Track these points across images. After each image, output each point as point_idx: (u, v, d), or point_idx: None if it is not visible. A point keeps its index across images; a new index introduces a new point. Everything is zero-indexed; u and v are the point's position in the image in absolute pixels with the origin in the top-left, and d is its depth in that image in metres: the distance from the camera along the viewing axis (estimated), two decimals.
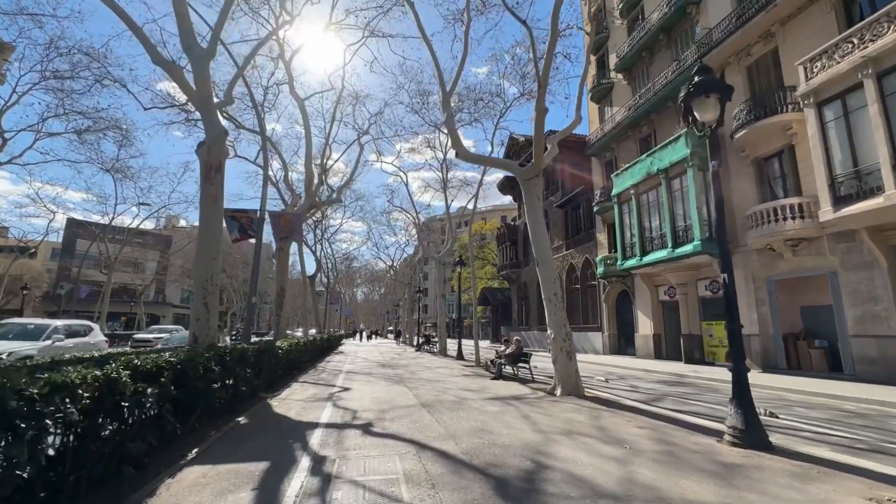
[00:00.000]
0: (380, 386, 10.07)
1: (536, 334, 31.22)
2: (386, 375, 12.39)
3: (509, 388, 9.83)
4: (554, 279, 9.49)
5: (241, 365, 6.86)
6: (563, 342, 9.06)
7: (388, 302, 73.91)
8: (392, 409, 7.08)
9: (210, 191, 7.67)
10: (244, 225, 9.72)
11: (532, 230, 9.82)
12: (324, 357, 20.14)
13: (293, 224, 11.29)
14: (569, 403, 7.67)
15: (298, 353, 13.21)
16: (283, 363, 10.73)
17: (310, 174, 14.20)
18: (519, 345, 12.08)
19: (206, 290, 7.35)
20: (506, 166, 10.09)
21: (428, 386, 10.10)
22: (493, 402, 7.84)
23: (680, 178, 16.22)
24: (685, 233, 15.85)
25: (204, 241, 7.58)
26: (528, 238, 32.74)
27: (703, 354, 16.56)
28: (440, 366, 15.89)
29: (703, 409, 7.82)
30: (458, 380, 11.37)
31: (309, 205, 14.28)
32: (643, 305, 19.85)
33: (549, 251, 9.75)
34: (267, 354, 8.79)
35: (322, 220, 30.58)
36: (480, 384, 10.46)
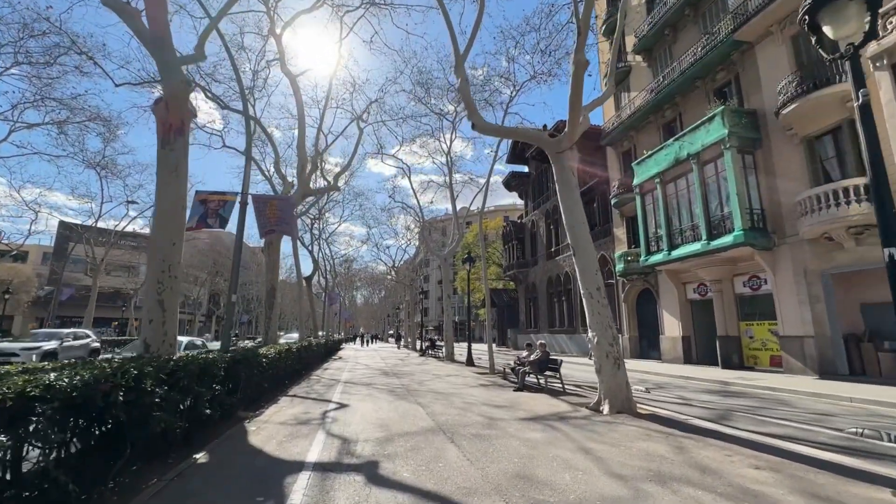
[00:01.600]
0: (384, 401, 8.39)
1: (547, 338, 29.51)
2: (390, 387, 10.70)
3: (541, 402, 8.15)
4: (595, 270, 7.83)
5: (203, 381, 5.19)
6: (609, 347, 7.40)
7: (388, 305, 72.24)
8: (402, 437, 5.41)
9: (169, 158, 6.03)
10: (211, 209, 8.06)
11: (567, 212, 8.17)
12: (321, 364, 18.45)
13: (282, 214, 9.63)
14: (629, 426, 5.99)
15: (290, 360, 11.54)
16: (270, 374, 9.06)
17: (303, 159, 12.57)
18: (545, 350, 10.41)
19: (161, 283, 5.70)
20: (533, 137, 8.47)
21: (442, 400, 8.41)
22: (532, 423, 6.17)
23: (715, 163, 14.59)
24: (722, 223, 14.20)
25: (161, 220, 5.93)
26: (537, 236, 31.08)
27: (742, 358, 14.88)
28: (450, 373, 14.20)
29: (797, 431, 6.15)
30: (476, 391, 9.69)
31: (302, 193, 12.63)
32: (669, 305, 18.18)
33: (587, 237, 8.11)
34: (245, 365, 7.12)
35: (319, 219, 28.93)
36: (505, 397, 8.77)
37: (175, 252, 5.91)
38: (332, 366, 17.89)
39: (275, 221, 9.55)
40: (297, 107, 12.57)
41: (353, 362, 19.92)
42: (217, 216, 8.22)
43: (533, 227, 33.33)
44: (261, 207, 9.40)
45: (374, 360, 21.07)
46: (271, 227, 9.59)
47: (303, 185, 12.61)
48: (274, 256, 12.59)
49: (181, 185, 6.11)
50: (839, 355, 11.86)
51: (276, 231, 9.78)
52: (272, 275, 12.57)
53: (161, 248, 5.81)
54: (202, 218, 8.09)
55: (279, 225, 9.64)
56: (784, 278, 13.20)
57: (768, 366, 14.06)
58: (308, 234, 29.01)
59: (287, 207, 9.61)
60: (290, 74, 13.12)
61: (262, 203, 9.42)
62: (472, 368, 16.03)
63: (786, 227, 13.19)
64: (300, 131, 12.55)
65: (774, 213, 13.62)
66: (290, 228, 10.03)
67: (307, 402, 8.39)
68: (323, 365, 18.10)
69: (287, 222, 9.70)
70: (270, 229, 9.64)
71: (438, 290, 79.29)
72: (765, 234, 13.49)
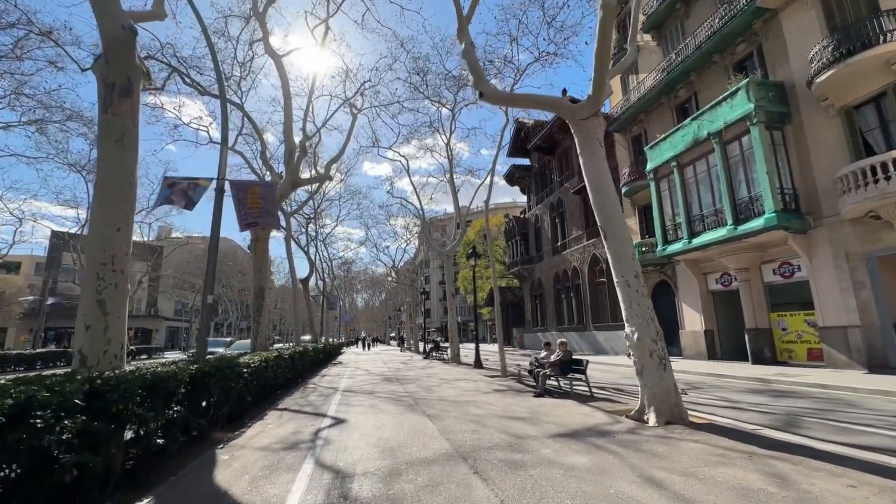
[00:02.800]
0: (388, 415, 7.20)
1: (556, 336, 28.32)
2: (394, 395, 9.52)
3: (570, 411, 6.97)
4: (631, 254, 6.67)
5: (151, 402, 4.01)
6: (652, 344, 6.25)
7: (389, 308, 71.05)
8: (412, 467, 4.24)
9: (112, 125, 4.86)
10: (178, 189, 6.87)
11: (594, 190, 7.02)
12: (319, 370, 17.26)
13: (265, 204, 8.42)
14: (691, 442, 4.82)
15: (282, 368, 10.36)
16: (255, 385, 7.88)
17: (290, 145, 11.39)
18: (566, 349, 9.24)
19: (102, 279, 4.52)
20: (551, 104, 7.33)
21: (454, 411, 7.23)
22: (570, 442, 4.99)
23: (740, 141, 13.44)
24: (750, 206, 13.04)
25: (102, 200, 4.75)
26: (541, 231, 29.88)
27: (775, 352, 13.71)
28: (458, 377, 13.02)
29: (893, 441, 4.98)
30: (492, 399, 8.51)
31: (291, 182, 11.45)
32: (689, 297, 17.02)
33: (620, 216, 6.95)
34: (220, 377, 5.93)
35: (315, 218, 27.75)
36: (526, 406, 7.59)
37: (121, 241, 4.73)
38: (330, 371, 16.71)
39: (257, 212, 8.37)
40: (283, 88, 11.39)
41: (353, 367, 18.73)
42: (184, 195, 7.03)
43: (537, 222, 32.17)
44: (240, 195, 8.21)
45: (376, 365, 19.88)
46: (253, 218, 8.40)
47: (291, 173, 11.41)
48: (262, 254, 11.40)
49: (128, 159, 4.93)
50: (891, 346, 10.70)
51: (258, 224, 8.58)
52: (260, 274, 11.38)
53: (102, 234, 4.63)
54: (166, 198, 6.89)
55: (262, 217, 8.44)
56: (822, 263, 12.04)
57: (805, 360, 12.89)
58: (304, 234, 27.89)
59: (270, 195, 8.41)
60: (274, 55, 11.95)
61: (242, 190, 8.23)
62: (482, 371, 14.84)
63: (822, 207, 12.04)
64: (286, 115, 11.37)
65: (808, 193, 12.47)
66: (274, 220, 8.82)
67: (299, 418, 7.21)
68: (321, 371, 16.91)
69: (271, 213, 8.51)
70: (252, 221, 8.44)
71: (439, 291, 78.12)
72: (799, 215, 12.34)
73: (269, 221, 8.73)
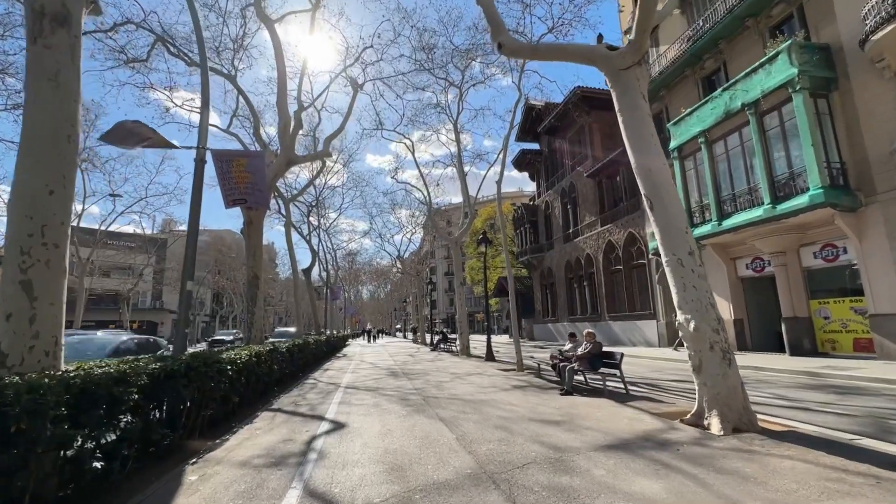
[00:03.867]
0: (394, 417, 6.21)
1: (568, 327, 27.31)
2: (401, 393, 8.55)
3: (610, 413, 5.94)
4: (684, 227, 5.59)
5: (88, 415, 3.02)
6: (714, 335, 5.18)
7: (394, 299, 70.33)
8: (429, 496, 3.23)
9: (43, 59, 3.83)
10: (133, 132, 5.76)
11: (637, 151, 5.93)
12: (321, 364, 16.38)
13: (253, 178, 7.37)
14: (785, 459, 3.77)
15: (277, 363, 9.42)
16: (244, 384, 6.92)
17: (284, 117, 10.32)
18: (594, 340, 8.20)
19: (28, 255, 3.53)
20: (584, 54, 6.22)
21: (473, 413, 6.23)
22: (624, 457, 3.96)
23: (779, 111, 12.20)
24: (791, 182, 11.85)
25: (28, 153, 3.73)
26: (552, 218, 28.65)
27: (816, 343, 12.59)
28: (471, 371, 12.04)
29: None
30: (513, 397, 7.50)
31: (286, 159, 10.40)
32: (717, 284, 15.83)
33: (669, 182, 5.85)
34: (197, 377, 4.95)
35: (316, 206, 26.75)
36: (555, 406, 6.57)
37: (56, 207, 3.71)
38: (333, 365, 15.81)
39: (245, 188, 7.33)
40: (276, 56, 10.30)
41: (357, 360, 17.83)
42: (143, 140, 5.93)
43: (547, 209, 30.97)
44: (224, 168, 7.18)
45: (382, 358, 18.97)
46: (240, 194, 7.36)
47: (286, 149, 10.35)
48: (255, 239, 10.40)
49: (65, 104, 3.89)
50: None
51: (246, 202, 7.54)
52: (254, 261, 10.39)
53: (28, 197, 3.61)
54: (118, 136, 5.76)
55: (251, 193, 7.41)
56: (874, 244, 10.86)
57: (852, 351, 11.77)
58: (305, 224, 26.92)
59: (259, 168, 7.36)
60: (266, 20, 10.84)
61: (226, 161, 7.18)
62: (495, 365, 13.86)
63: (876, 182, 10.83)
64: (280, 84, 10.28)
65: (858, 167, 11.26)
66: (265, 197, 7.76)
67: (292, 421, 6.24)
68: (324, 365, 16.02)
69: (261, 189, 7.46)
70: (239, 198, 7.41)
71: (445, 282, 77.22)
72: (848, 192, 11.15)
73: (258, 199, 7.69)
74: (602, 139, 24.70)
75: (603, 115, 24.51)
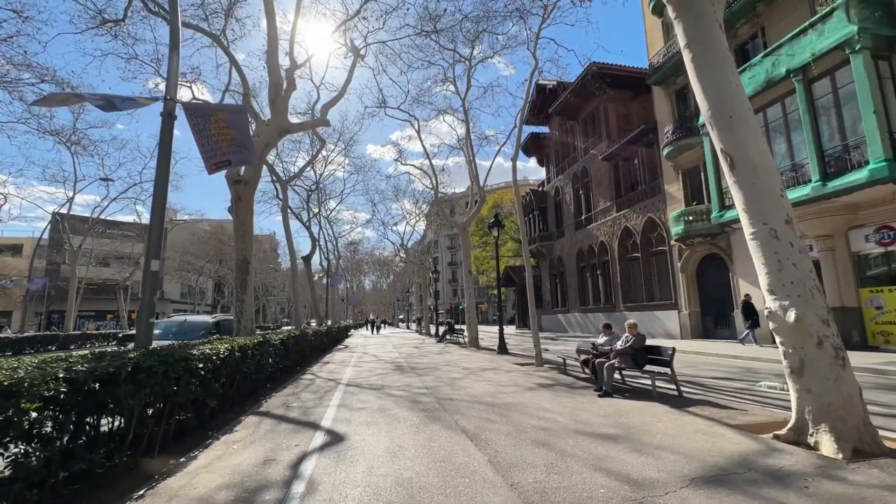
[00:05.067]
0: (404, 427, 5.06)
1: (579, 318, 26.21)
2: (410, 393, 7.41)
3: (676, 425, 4.76)
4: (778, 190, 4.37)
5: None
6: (822, 327, 4.04)
7: (397, 289, 69.33)
8: None
9: None
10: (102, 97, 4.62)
11: (714, 97, 4.69)
12: (321, 356, 15.29)
13: (236, 134, 6.13)
14: None
15: (268, 357, 8.28)
16: (224, 383, 5.78)
17: (275, 78, 9.05)
18: (637, 332, 7.02)
19: None
20: None
21: (501, 422, 5.07)
22: (733, 499, 2.78)
23: (832, 77, 10.86)
24: (846, 156, 10.56)
25: None
26: (562, 204, 27.21)
27: (866, 336, 11.39)
28: (485, 366, 10.91)
29: None
30: (544, 399, 6.34)
31: (278, 127, 9.14)
32: (749, 271, 14.59)
33: (757, 134, 4.60)
34: (148, 381, 3.79)
35: (316, 191, 25.52)
36: (600, 412, 5.40)
37: None
38: (334, 358, 14.73)
39: (227, 146, 6.10)
40: (266, 6, 8.99)
41: (360, 352, 16.74)
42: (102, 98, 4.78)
43: (557, 195, 29.66)
44: (200, 124, 5.94)
45: (386, 350, 17.89)
46: (223, 155, 6.13)
47: (279, 114, 9.10)
48: (245, 217, 9.21)
49: None
50: None
51: (231, 162, 6.31)
52: (244, 243, 9.22)
53: None
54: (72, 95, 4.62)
55: (234, 152, 6.18)
56: None
57: None
58: (304, 210, 25.71)
59: (241, 123, 6.12)
60: None
61: (201, 116, 5.94)
62: (509, 358, 12.73)
63: None
64: (270, 40, 8.99)
65: None
66: (251, 155, 6.50)
67: (280, 431, 5.11)
68: (324, 357, 14.93)
69: (246, 146, 6.23)
70: (222, 160, 6.17)
71: (448, 272, 76.13)
72: None
73: (244, 157, 6.43)
74: (618, 119, 23.32)
75: (619, 94, 23.12)
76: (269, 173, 20.73)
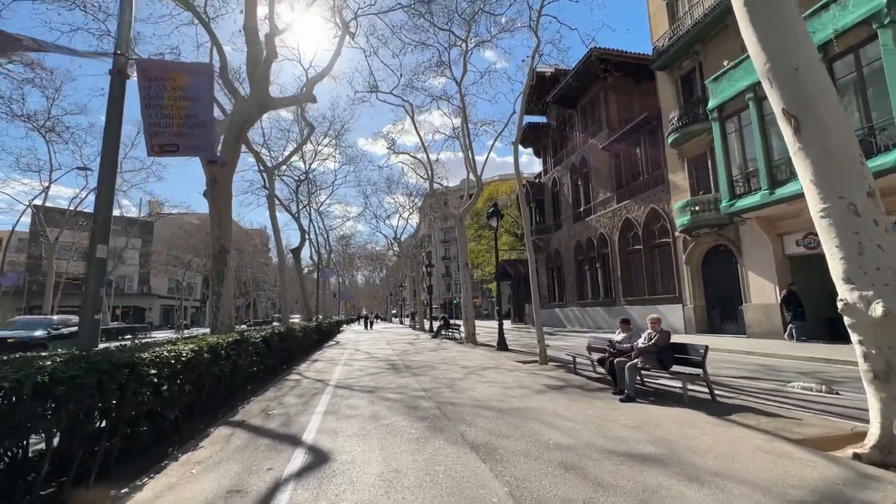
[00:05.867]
0: (401, 441, 4.26)
1: (577, 312, 25.59)
2: (407, 396, 6.61)
3: (720, 438, 4.02)
4: (857, 156, 3.62)
5: None
6: None
7: (389, 284, 68.45)
8: None
9: None
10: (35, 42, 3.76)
11: (768, 43, 3.93)
12: (310, 353, 14.45)
13: (194, 109, 5.12)
14: None
15: (244, 358, 7.43)
16: (187, 393, 4.93)
17: (254, 46, 8.11)
18: (661, 328, 6.28)
19: None
20: None
21: (515, 436, 4.29)
22: None
23: (856, 53, 10.19)
24: (870, 139, 9.92)
25: None
26: (559, 196, 26.45)
27: None
28: (485, 364, 10.15)
29: None
30: (559, 405, 5.58)
31: (258, 101, 8.20)
32: (759, 263, 14.01)
33: (830, 90, 3.83)
34: (72, 396, 2.94)
35: (306, 181, 24.51)
36: (629, 424, 4.64)
37: None
38: (324, 355, 13.89)
39: (180, 124, 5.11)
40: None
41: (351, 349, 15.92)
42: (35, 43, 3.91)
43: (554, 186, 28.94)
44: (152, 90, 4.99)
45: (379, 346, 17.08)
46: (172, 137, 5.12)
47: (258, 87, 8.17)
48: (222, 203, 8.29)
49: None
50: None
51: (178, 149, 5.23)
52: (220, 230, 8.32)
53: None
54: None
55: (188, 135, 5.12)
56: None
57: None
58: (294, 202, 24.70)
59: (204, 92, 5.15)
60: None
61: (156, 80, 4.97)
62: (511, 355, 11.99)
63: None
64: (248, 3, 8.03)
65: None
66: (208, 138, 5.41)
67: (254, 447, 4.28)
68: (313, 355, 14.09)
69: (205, 124, 5.19)
70: (169, 143, 5.15)
71: (441, 267, 75.27)
72: None
73: (197, 144, 5.22)
74: (619, 108, 22.58)
75: (620, 82, 22.35)
76: (256, 161, 19.72)
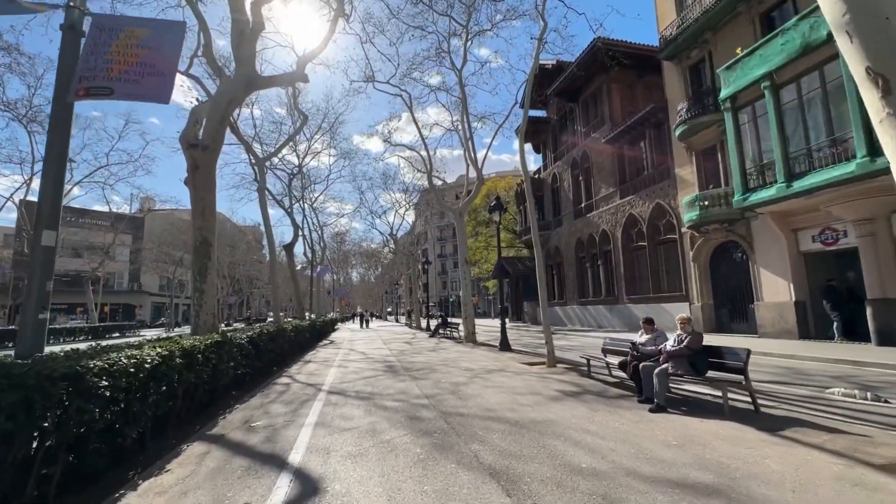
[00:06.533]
0: (404, 462, 3.59)
1: (578, 311, 25.03)
2: (407, 404, 5.94)
3: (788, 462, 3.38)
4: None
5: None
6: None
7: (385, 282, 67.64)
8: None
9: None
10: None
11: None
12: (303, 353, 13.74)
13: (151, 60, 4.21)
14: None
15: (232, 360, 6.73)
16: (151, 405, 4.24)
17: (239, 16, 7.35)
18: (691, 329, 5.64)
19: None
20: None
21: (539, 458, 3.64)
22: None
23: None
24: None
25: None
26: (560, 192, 25.61)
27: None
28: (489, 366, 9.50)
29: None
30: (579, 416, 4.93)
31: (245, 78, 7.47)
32: (772, 260, 13.45)
33: None
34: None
35: (300, 174, 23.72)
36: (669, 442, 4.00)
37: None
38: (317, 355, 13.19)
39: (122, 70, 4.20)
40: None
41: (346, 349, 15.23)
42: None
43: (555, 182, 28.33)
44: (100, 40, 4.23)
45: (375, 346, 16.39)
46: (105, 81, 4.13)
47: (243, 63, 7.43)
48: (204, 191, 7.56)
49: None
50: None
51: (112, 92, 4.22)
52: (203, 220, 7.59)
53: None
54: None
55: (129, 80, 4.17)
56: None
57: None
58: (287, 197, 23.91)
59: (169, 44, 4.32)
60: None
61: (108, 31, 4.21)
62: (515, 356, 11.35)
63: None
64: None
65: None
66: (162, 85, 4.44)
67: (228, 471, 3.60)
68: (306, 355, 13.38)
69: (162, 73, 4.32)
70: (100, 87, 4.17)
71: (438, 265, 74.49)
72: None
73: (143, 92, 4.13)
74: (622, 101, 21.98)
75: (623, 75, 21.68)
76: (247, 153, 18.95)
